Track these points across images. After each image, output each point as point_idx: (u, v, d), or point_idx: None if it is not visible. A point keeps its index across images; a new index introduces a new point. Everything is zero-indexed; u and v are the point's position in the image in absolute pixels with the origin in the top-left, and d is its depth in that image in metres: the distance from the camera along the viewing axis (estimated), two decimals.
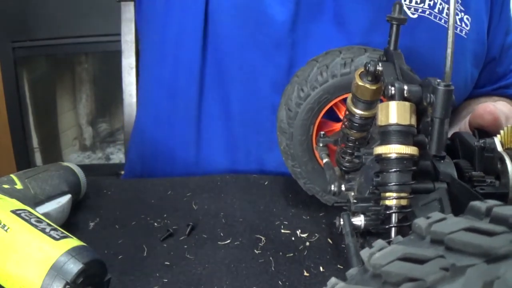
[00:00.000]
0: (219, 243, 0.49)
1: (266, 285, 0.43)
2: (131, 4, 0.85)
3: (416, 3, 0.59)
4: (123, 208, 0.56)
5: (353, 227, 0.36)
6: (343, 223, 0.37)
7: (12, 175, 0.49)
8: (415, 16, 0.60)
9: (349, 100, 0.42)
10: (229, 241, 0.49)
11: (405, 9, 0.59)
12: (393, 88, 0.35)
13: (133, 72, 0.86)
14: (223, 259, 0.46)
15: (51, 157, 1.93)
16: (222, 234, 0.50)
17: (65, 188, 0.52)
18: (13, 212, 0.40)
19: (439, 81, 0.33)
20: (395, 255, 0.16)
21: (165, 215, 0.54)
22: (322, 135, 0.49)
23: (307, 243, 0.49)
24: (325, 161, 0.47)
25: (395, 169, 0.34)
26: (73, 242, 0.38)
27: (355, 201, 0.37)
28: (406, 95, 0.34)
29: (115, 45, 0.99)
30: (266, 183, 0.60)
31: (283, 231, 0.51)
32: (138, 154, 0.73)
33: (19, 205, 0.42)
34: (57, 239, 0.37)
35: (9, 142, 1.77)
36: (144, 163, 0.71)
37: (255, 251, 0.47)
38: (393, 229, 0.34)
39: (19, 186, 0.48)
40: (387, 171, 0.34)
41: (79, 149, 2.03)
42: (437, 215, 0.18)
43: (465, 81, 0.67)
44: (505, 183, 0.40)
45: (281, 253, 0.47)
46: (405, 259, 0.16)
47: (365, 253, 0.17)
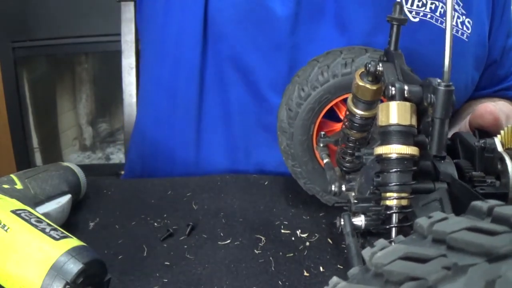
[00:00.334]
0: (219, 243, 0.49)
1: (266, 285, 0.43)
2: (131, 4, 0.85)
3: (417, 6, 0.59)
4: (123, 208, 0.56)
5: (354, 227, 0.36)
6: (343, 223, 0.37)
7: (12, 175, 0.49)
8: (417, 19, 0.59)
9: (349, 100, 0.42)
10: (229, 241, 0.49)
11: (407, 13, 0.59)
12: (394, 88, 0.35)
13: (133, 72, 0.86)
14: (223, 259, 0.46)
15: (51, 157, 1.93)
16: (222, 234, 0.50)
17: (65, 188, 0.52)
18: (13, 212, 0.40)
19: (439, 81, 0.33)
20: (397, 254, 0.16)
21: (165, 215, 0.54)
22: (322, 135, 0.49)
23: (307, 243, 0.49)
24: (325, 161, 0.47)
25: (396, 169, 0.34)
26: (73, 242, 0.38)
27: (356, 201, 0.37)
28: (406, 95, 0.34)
29: (115, 45, 0.98)
30: (266, 183, 0.60)
31: (283, 231, 0.51)
32: (138, 154, 0.73)
33: (19, 205, 0.42)
34: (57, 239, 0.37)
35: (9, 142, 1.76)
36: (144, 163, 0.71)
37: (255, 251, 0.47)
38: (394, 229, 0.34)
39: (19, 186, 0.48)
40: (388, 171, 0.34)
41: (79, 149, 2.03)
42: (438, 214, 0.18)
43: (466, 84, 0.67)
44: (505, 183, 0.40)
45: (281, 253, 0.47)
46: (407, 258, 0.16)
47: (366, 252, 0.17)
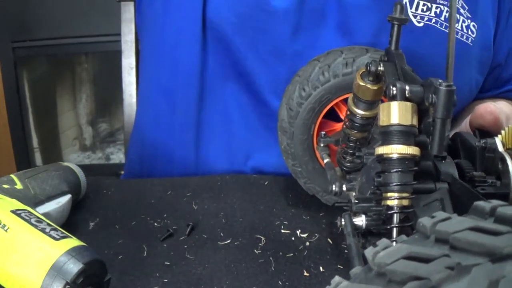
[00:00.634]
0: (219, 243, 0.49)
1: (266, 285, 0.43)
2: (131, 4, 0.85)
3: (422, 11, 0.58)
4: (123, 208, 0.56)
5: (355, 227, 0.36)
6: (344, 223, 0.37)
7: (12, 175, 0.49)
8: (421, 24, 0.59)
9: (350, 100, 0.42)
10: (229, 241, 0.49)
11: (411, 18, 0.58)
12: (395, 88, 0.34)
13: (133, 72, 0.86)
14: (223, 259, 0.46)
15: (51, 157, 1.93)
16: (222, 234, 0.50)
17: (65, 188, 0.52)
18: (13, 212, 0.40)
19: (440, 81, 0.32)
20: (400, 254, 0.16)
21: (165, 215, 0.54)
22: (323, 135, 0.49)
23: (307, 243, 0.49)
24: (326, 161, 0.47)
25: (397, 169, 0.34)
26: (73, 242, 0.38)
27: (357, 201, 0.37)
28: (407, 95, 0.34)
29: (115, 45, 0.98)
30: (266, 183, 0.60)
31: (283, 231, 0.51)
32: (137, 154, 0.73)
33: (19, 205, 0.42)
34: (57, 239, 0.37)
35: (9, 142, 1.76)
36: (143, 164, 0.71)
37: (255, 251, 0.47)
38: (395, 229, 0.34)
39: (19, 186, 0.48)
40: (389, 171, 0.34)
41: (79, 149, 2.03)
42: (441, 214, 0.18)
43: (470, 87, 0.66)
44: (506, 183, 0.40)
45: (281, 253, 0.47)
46: (410, 258, 0.16)
47: (369, 252, 0.17)
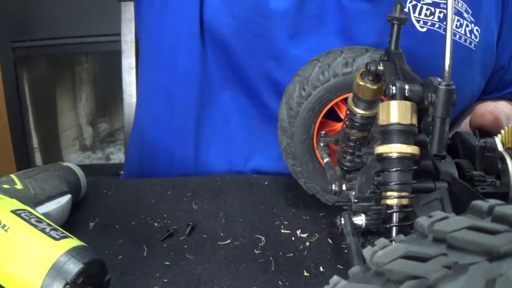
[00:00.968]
0: (219, 243, 0.49)
1: (266, 285, 0.43)
2: (131, 4, 0.85)
3: (425, 15, 0.58)
4: (123, 208, 0.56)
5: (354, 226, 0.36)
6: (344, 222, 0.37)
7: (12, 175, 0.49)
8: (424, 29, 0.58)
9: (350, 99, 0.42)
10: (229, 241, 0.49)
11: (414, 23, 0.58)
12: (394, 87, 0.34)
13: (133, 72, 0.86)
14: (223, 259, 0.46)
15: (51, 157, 1.93)
16: (222, 234, 0.50)
17: (65, 188, 0.52)
18: (13, 212, 0.40)
19: (440, 80, 0.33)
20: (398, 253, 0.16)
21: (165, 215, 0.54)
22: (323, 135, 0.49)
23: (307, 243, 0.49)
24: (326, 160, 0.47)
25: (396, 169, 0.34)
26: (73, 242, 0.38)
27: (356, 201, 0.37)
28: (407, 94, 0.34)
29: (115, 45, 0.98)
30: (266, 183, 0.60)
31: (283, 231, 0.51)
32: (137, 154, 0.73)
33: (19, 205, 0.42)
34: (57, 239, 0.37)
35: (9, 142, 1.76)
36: (143, 164, 0.71)
37: (255, 251, 0.47)
38: (394, 229, 0.34)
39: (19, 186, 0.48)
40: (388, 170, 0.34)
41: (79, 149, 2.03)
42: (439, 214, 0.18)
43: (472, 91, 0.66)
44: (506, 183, 0.40)
45: (281, 253, 0.47)
46: (408, 257, 0.16)
47: (367, 252, 0.17)
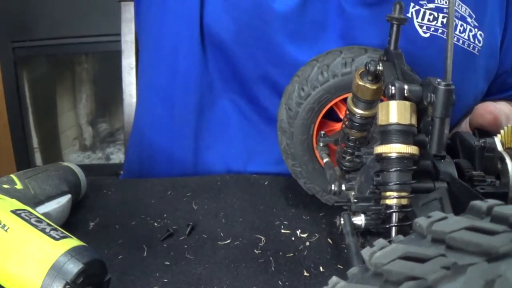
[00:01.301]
0: (219, 243, 0.49)
1: (266, 285, 0.43)
2: (131, 4, 0.85)
3: (428, 21, 0.58)
4: (123, 208, 0.56)
5: (354, 226, 0.36)
6: (343, 222, 0.37)
7: (12, 175, 0.49)
8: (427, 35, 0.58)
9: (349, 99, 0.42)
10: (229, 241, 0.49)
11: (417, 28, 0.58)
12: (394, 87, 0.35)
13: (133, 72, 0.86)
14: (223, 259, 0.46)
15: (51, 157, 1.93)
16: (222, 234, 0.50)
17: (65, 188, 0.52)
18: (13, 212, 0.40)
19: (439, 80, 0.33)
20: (396, 254, 0.16)
21: (165, 215, 0.54)
22: (322, 135, 0.49)
23: (307, 243, 0.49)
24: (325, 160, 0.47)
25: (396, 169, 0.34)
26: (73, 242, 0.38)
27: (356, 201, 0.37)
28: (406, 94, 0.34)
29: (115, 45, 0.98)
30: (266, 183, 0.60)
31: (283, 231, 0.51)
32: (136, 155, 0.72)
33: (19, 205, 0.42)
34: (57, 239, 0.37)
35: (9, 142, 1.76)
36: (142, 165, 0.71)
37: (255, 251, 0.47)
38: (394, 229, 0.34)
39: (19, 186, 0.48)
40: (388, 170, 0.34)
41: (79, 149, 2.03)
42: (438, 214, 0.18)
43: (475, 95, 0.66)
44: (505, 183, 0.40)
45: (281, 253, 0.47)
46: (406, 258, 0.16)
47: (366, 252, 0.17)
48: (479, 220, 0.18)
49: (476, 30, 0.61)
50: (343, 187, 0.42)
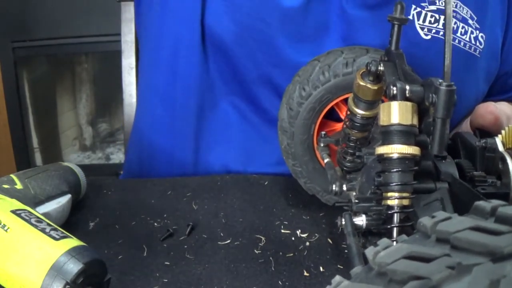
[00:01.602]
0: (219, 243, 0.49)
1: (266, 285, 0.43)
2: (131, 4, 0.85)
3: (430, 23, 0.58)
4: (123, 208, 0.56)
5: (355, 227, 0.36)
6: (344, 223, 0.37)
7: (12, 175, 0.49)
8: (429, 37, 0.58)
9: (350, 100, 0.42)
10: (229, 241, 0.49)
11: (418, 30, 0.58)
12: (395, 88, 0.34)
13: (133, 72, 0.86)
14: (223, 259, 0.46)
15: (51, 157, 1.93)
16: (222, 234, 0.50)
17: (65, 188, 0.51)
18: (13, 212, 0.40)
19: (441, 81, 0.32)
20: (401, 254, 0.16)
21: (165, 215, 0.54)
22: (323, 135, 0.49)
23: (307, 243, 0.49)
24: (326, 161, 0.47)
25: (397, 169, 0.34)
26: (73, 242, 0.38)
27: (357, 201, 0.37)
28: (408, 95, 0.34)
29: (115, 45, 0.98)
30: (266, 183, 0.60)
31: (283, 231, 0.51)
32: (136, 156, 0.72)
33: (19, 205, 0.42)
34: (57, 239, 0.37)
35: (9, 142, 1.76)
36: (142, 165, 0.71)
37: (255, 251, 0.47)
38: (395, 229, 0.34)
39: (19, 186, 0.48)
40: (389, 171, 0.34)
41: (79, 149, 2.03)
42: (442, 214, 0.18)
43: (476, 97, 0.66)
44: (507, 183, 0.40)
45: (281, 253, 0.47)
46: (411, 257, 0.16)
47: (370, 252, 0.17)
48: (483, 220, 0.18)
49: (477, 32, 0.61)
50: (344, 188, 0.42)
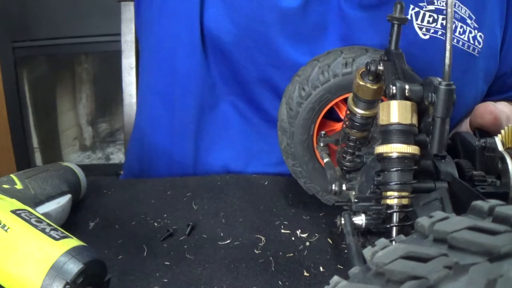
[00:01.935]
0: (219, 243, 0.49)
1: (266, 285, 0.43)
2: (131, 4, 0.85)
3: (428, 22, 0.58)
4: (123, 208, 0.56)
5: (354, 226, 0.36)
6: (344, 222, 0.37)
7: (12, 175, 0.49)
8: (427, 37, 0.58)
9: (350, 99, 0.42)
10: (229, 241, 0.49)
11: (417, 30, 0.57)
12: (395, 87, 0.34)
13: (133, 72, 0.86)
14: (223, 259, 0.46)
15: (51, 157, 1.93)
16: (222, 234, 0.50)
17: (65, 188, 0.52)
18: (13, 212, 0.40)
19: (440, 80, 0.33)
20: (398, 254, 0.16)
21: (165, 215, 0.54)
22: (323, 135, 0.49)
23: (307, 243, 0.49)
24: (326, 160, 0.47)
25: (396, 168, 0.34)
26: (73, 242, 0.38)
27: (356, 201, 0.37)
28: (407, 94, 0.34)
29: (115, 45, 0.99)
30: (266, 183, 0.60)
31: (283, 231, 0.51)
32: (136, 156, 0.72)
33: (19, 205, 0.42)
34: (57, 239, 0.37)
35: (9, 142, 1.76)
36: (142, 165, 0.71)
37: (255, 251, 0.47)
38: (394, 229, 0.34)
39: (19, 186, 0.48)
40: (388, 170, 0.34)
41: (79, 149, 2.03)
42: (439, 214, 0.18)
43: (475, 97, 0.66)
44: (506, 183, 0.40)
45: (281, 253, 0.47)
46: (408, 257, 0.16)
47: (367, 252, 0.17)
48: (481, 220, 0.18)
49: (476, 31, 0.61)
50: (344, 187, 0.42)
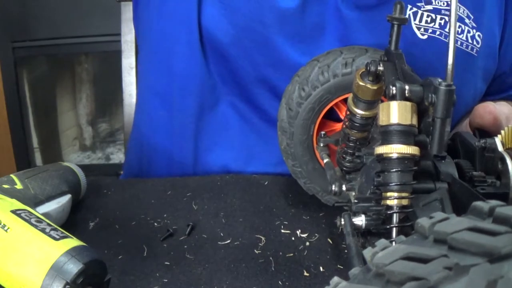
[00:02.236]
0: (219, 243, 0.49)
1: (266, 285, 0.43)
2: (131, 4, 0.85)
3: (426, 22, 0.58)
4: (123, 208, 0.56)
5: (354, 227, 0.36)
6: (344, 223, 0.37)
7: (12, 175, 0.49)
8: (425, 37, 0.58)
9: (350, 100, 0.42)
10: (229, 241, 0.49)
11: (415, 30, 0.57)
12: (394, 88, 0.34)
13: (133, 72, 0.86)
14: (223, 259, 0.46)
15: (51, 157, 1.93)
16: (222, 234, 0.50)
17: (65, 188, 0.52)
18: (13, 212, 0.40)
19: (440, 81, 0.32)
20: (398, 254, 0.16)
21: (165, 215, 0.54)
22: (322, 135, 0.49)
23: (307, 243, 0.49)
24: (325, 161, 0.47)
25: (396, 169, 0.34)
26: (73, 242, 0.38)
27: (356, 201, 0.37)
28: (407, 95, 0.34)
29: (115, 45, 0.99)
30: (266, 183, 0.60)
31: (283, 231, 0.51)
32: (136, 156, 0.72)
33: (19, 205, 0.42)
34: (57, 239, 0.37)
35: (9, 142, 1.76)
36: (142, 166, 0.71)
37: (255, 251, 0.47)
38: (394, 229, 0.34)
39: (19, 186, 0.48)
40: (388, 171, 0.34)
41: (79, 149, 2.03)
42: (440, 215, 0.18)
43: (474, 96, 0.66)
44: (506, 183, 0.40)
45: (281, 253, 0.47)
46: (409, 258, 0.16)
47: (368, 253, 0.17)
48: (481, 220, 0.18)
49: (474, 31, 0.61)
50: (344, 188, 0.42)
